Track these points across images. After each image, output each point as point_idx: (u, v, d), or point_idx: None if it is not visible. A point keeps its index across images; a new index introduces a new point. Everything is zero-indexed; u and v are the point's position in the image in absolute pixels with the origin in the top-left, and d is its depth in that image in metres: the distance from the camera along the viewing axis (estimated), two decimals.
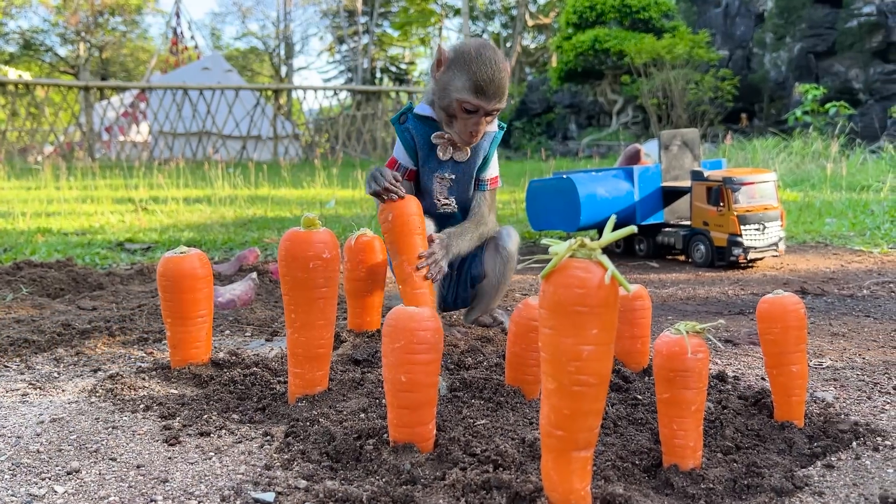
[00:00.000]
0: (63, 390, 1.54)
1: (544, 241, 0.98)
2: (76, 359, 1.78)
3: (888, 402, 1.42)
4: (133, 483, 1.11)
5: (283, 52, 28.28)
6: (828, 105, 10.38)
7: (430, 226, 1.82)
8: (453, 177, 1.87)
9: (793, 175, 6.96)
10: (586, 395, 0.92)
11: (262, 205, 5.69)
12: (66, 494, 1.07)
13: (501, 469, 1.08)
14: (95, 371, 1.68)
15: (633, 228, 0.93)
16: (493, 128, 1.87)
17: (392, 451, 1.14)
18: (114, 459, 1.19)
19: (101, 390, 1.51)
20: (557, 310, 0.91)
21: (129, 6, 26.75)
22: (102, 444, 1.25)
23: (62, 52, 27.24)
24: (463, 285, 1.95)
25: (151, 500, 1.05)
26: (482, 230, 1.89)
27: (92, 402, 1.46)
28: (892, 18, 11.28)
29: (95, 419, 1.37)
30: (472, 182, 1.89)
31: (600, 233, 3.56)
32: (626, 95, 14.08)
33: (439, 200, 1.89)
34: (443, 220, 1.88)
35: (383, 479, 1.08)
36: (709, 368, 1.14)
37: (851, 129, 9.84)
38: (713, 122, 12.33)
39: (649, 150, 6.06)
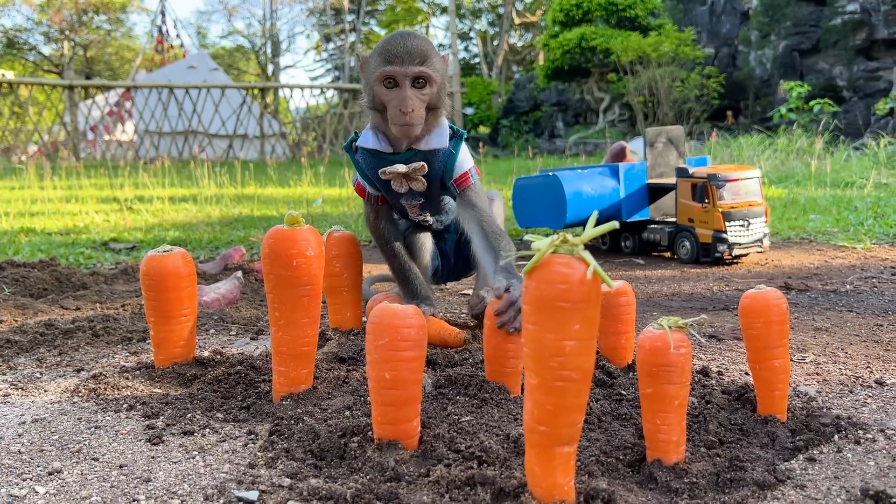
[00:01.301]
0: (45, 391, 1.53)
1: (527, 237, 0.98)
2: (59, 359, 1.76)
3: (869, 396, 1.43)
4: (115, 483, 1.10)
5: (269, 51, 28.18)
6: (812, 102, 10.47)
7: (427, 247, 1.86)
8: (421, 201, 1.79)
9: (777, 172, 7.00)
10: (569, 390, 0.92)
11: (249, 204, 5.67)
12: (48, 495, 1.06)
13: (486, 465, 1.08)
14: (78, 371, 1.67)
15: (614, 224, 0.93)
16: (441, 143, 1.68)
17: (376, 449, 1.14)
18: (96, 459, 1.18)
19: (83, 390, 1.50)
20: (540, 305, 0.91)
21: (113, 4, 26.56)
22: (85, 444, 1.24)
23: (46, 50, 27.02)
24: (460, 259, 1.96)
25: (134, 500, 1.04)
26: (498, 223, 1.81)
27: (74, 402, 1.45)
28: (876, 16, 11.37)
29: (78, 419, 1.36)
30: (441, 195, 1.80)
31: None
32: (613, 93, 14.12)
33: (414, 218, 1.87)
34: (423, 226, 1.90)
35: (367, 477, 1.08)
36: (692, 363, 1.15)
37: (835, 127, 9.91)
38: (699, 119, 12.39)
39: (635, 148, 6.08)
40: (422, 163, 1.68)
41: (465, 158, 1.74)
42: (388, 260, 1.86)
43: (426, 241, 1.90)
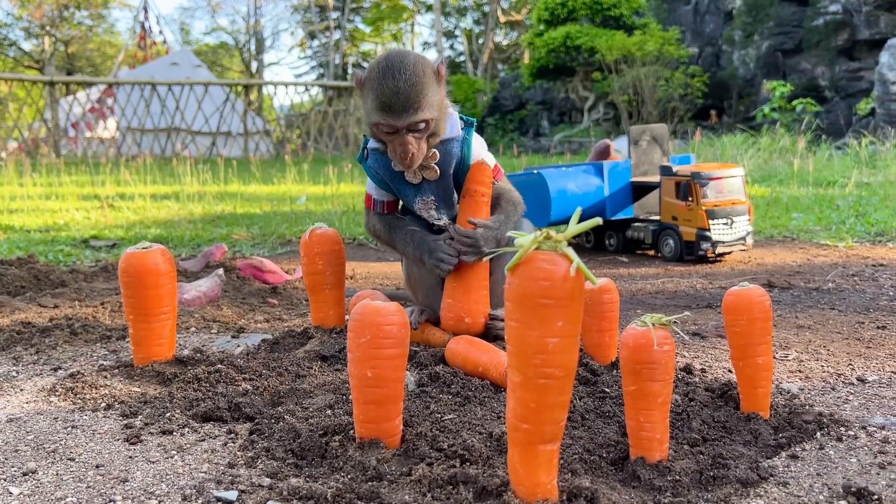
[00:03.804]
0: (21, 390, 1.50)
1: (510, 233, 0.97)
2: (36, 357, 1.73)
3: (851, 393, 1.44)
4: (91, 483, 1.08)
5: (253, 48, 28.04)
6: (795, 102, 10.55)
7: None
8: (433, 197, 1.74)
9: (761, 171, 7.04)
10: (552, 387, 0.91)
11: (232, 201, 5.63)
12: (22, 496, 1.04)
13: (468, 464, 1.07)
14: (56, 370, 1.64)
15: (598, 220, 0.92)
16: (454, 132, 1.70)
17: (358, 448, 1.12)
18: (72, 459, 1.16)
19: (60, 389, 1.47)
20: (523, 302, 0.90)
21: (95, 0, 26.31)
22: (61, 444, 1.22)
23: (26, 46, 26.72)
24: None
25: (110, 501, 1.02)
26: (519, 211, 1.79)
27: (51, 402, 1.42)
28: (858, 17, 11.47)
29: (54, 419, 1.33)
30: (454, 189, 1.75)
31: None
32: (598, 92, 14.16)
33: (429, 221, 1.79)
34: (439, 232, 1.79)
35: (349, 476, 1.07)
36: (675, 361, 1.14)
37: (818, 126, 9.99)
38: (683, 118, 12.45)
39: (620, 147, 6.10)
40: (434, 150, 1.67)
41: (481, 148, 1.74)
42: (392, 238, 1.77)
43: None
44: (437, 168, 1.69)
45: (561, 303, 0.89)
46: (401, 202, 1.81)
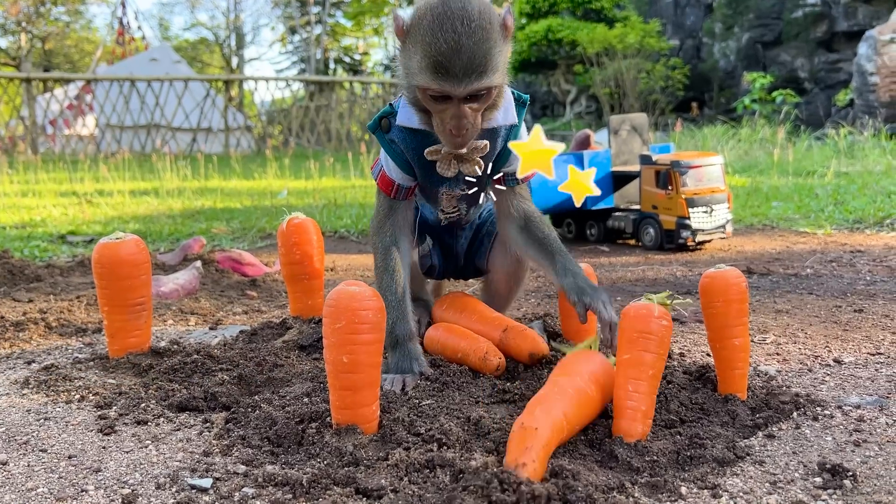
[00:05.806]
0: None
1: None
2: (9, 351, 1.71)
3: (828, 374, 1.45)
4: (63, 474, 1.06)
5: (233, 43, 27.85)
6: (775, 93, 10.63)
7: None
8: (465, 191, 1.48)
9: (741, 161, 7.08)
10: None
11: (212, 196, 5.58)
12: None
13: (446, 448, 1.06)
14: (30, 363, 1.62)
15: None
16: (507, 118, 1.40)
17: (335, 434, 1.12)
18: (44, 451, 1.14)
19: (34, 382, 1.45)
20: None
21: None
22: (33, 436, 1.20)
23: (2, 43, 26.37)
24: (470, 262, 1.66)
25: (82, 491, 1.01)
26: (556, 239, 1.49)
27: (24, 394, 1.40)
28: (836, 9, 11.56)
29: (27, 411, 1.31)
30: (486, 188, 1.50)
31: (553, 218, 3.57)
32: (580, 85, 14.18)
33: (444, 211, 1.53)
34: (441, 230, 1.61)
35: (325, 462, 1.06)
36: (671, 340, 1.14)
37: (797, 117, 10.07)
38: (664, 110, 12.50)
39: (601, 140, 6.11)
40: (485, 141, 1.36)
41: (524, 135, 1.43)
42: (379, 275, 1.46)
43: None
44: (481, 162, 1.38)
45: None
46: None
